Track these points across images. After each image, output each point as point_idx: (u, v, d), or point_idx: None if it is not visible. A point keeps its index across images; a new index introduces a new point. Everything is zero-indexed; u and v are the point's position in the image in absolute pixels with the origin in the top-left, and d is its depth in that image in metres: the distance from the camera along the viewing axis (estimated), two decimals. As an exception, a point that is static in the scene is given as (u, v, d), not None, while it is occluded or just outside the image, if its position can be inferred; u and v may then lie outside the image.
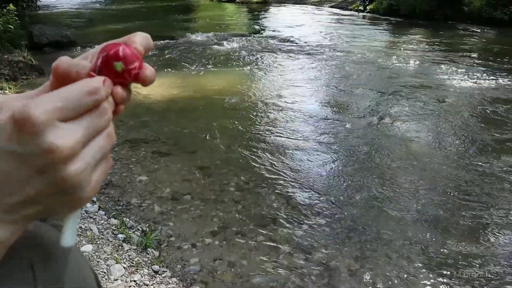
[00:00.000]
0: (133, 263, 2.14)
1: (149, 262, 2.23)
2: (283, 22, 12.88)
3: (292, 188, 3.20)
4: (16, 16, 6.50)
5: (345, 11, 16.06)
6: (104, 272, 2.00)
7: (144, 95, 5.01)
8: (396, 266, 2.37)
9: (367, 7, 15.64)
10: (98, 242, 2.25)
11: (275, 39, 9.61)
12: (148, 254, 2.32)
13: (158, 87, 5.50)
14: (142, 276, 2.06)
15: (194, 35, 9.63)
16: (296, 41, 9.34)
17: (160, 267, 2.22)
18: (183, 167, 3.45)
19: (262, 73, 6.67)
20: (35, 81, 5.72)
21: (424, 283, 2.26)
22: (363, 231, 2.69)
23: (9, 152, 0.28)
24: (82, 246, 2.15)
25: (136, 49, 0.34)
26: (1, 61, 5.68)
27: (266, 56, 7.79)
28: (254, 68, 6.89)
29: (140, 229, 2.60)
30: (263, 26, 12.23)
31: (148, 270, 2.13)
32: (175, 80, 6.02)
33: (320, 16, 14.86)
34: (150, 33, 0.37)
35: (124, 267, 2.07)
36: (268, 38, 9.79)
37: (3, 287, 0.35)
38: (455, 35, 10.76)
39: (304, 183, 3.28)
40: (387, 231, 2.69)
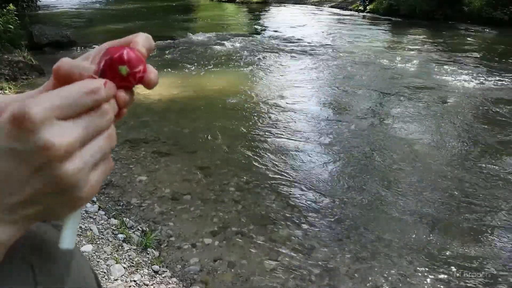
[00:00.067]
0: (133, 263, 2.14)
1: (149, 262, 2.23)
2: (283, 22, 12.87)
3: (292, 188, 3.20)
4: (16, 16, 6.50)
5: (345, 11, 16.07)
6: (104, 272, 2.00)
7: (144, 95, 5.01)
8: (396, 267, 2.37)
9: (367, 7, 15.65)
10: (98, 242, 2.25)
11: (276, 39, 9.60)
12: (148, 254, 2.32)
13: (158, 87, 5.43)
14: (142, 276, 2.06)
15: (194, 35, 9.63)
16: (297, 41, 9.33)
17: (160, 267, 2.22)
18: (183, 167, 3.45)
19: (263, 73, 6.66)
20: (35, 81, 5.72)
21: (424, 284, 2.26)
22: (363, 231, 2.69)
23: (9, 150, 0.29)
24: (82, 246, 2.15)
25: (139, 51, 0.34)
26: (1, 61, 5.68)
27: (266, 56, 7.78)
28: (255, 68, 6.89)
29: (140, 229, 2.60)
30: (263, 26, 12.23)
31: (148, 270, 2.14)
32: (175, 80, 6.02)
33: (320, 16, 14.86)
34: (150, 33, 0.37)
35: (124, 267, 2.07)
36: (268, 38, 9.79)
37: (3, 287, 0.35)
38: (456, 35, 10.76)
39: (304, 183, 3.28)
40: (387, 232, 2.69)
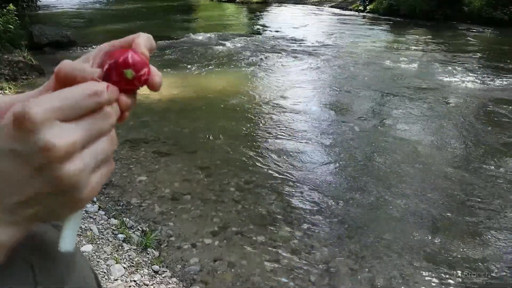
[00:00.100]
0: (133, 263, 2.14)
1: (149, 262, 2.23)
2: (283, 22, 12.87)
3: (292, 188, 3.20)
4: (16, 16, 6.50)
5: (345, 11, 16.07)
6: (104, 272, 2.00)
7: (144, 95, 5.01)
8: (396, 267, 2.37)
9: (367, 7, 15.65)
10: (98, 242, 2.25)
11: (277, 39, 9.60)
12: (148, 254, 2.32)
13: (158, 87, 5.49)
14: (142, 276, 2.06)
15: (195, 35, 9.63)
16: (298, 41, 9.33)
17: (160, 267, 2.22)
18: (183, 167, 3.45)
19: (264, 73, 6.66)
20: (35, 81, 5.72)
21: (425, 284, 2.26)
22: (364, 231, 2.69)
23: (9, 151, 0.29)
24: (82, 246, 2.15)
25: (143, 54, 0.34)
26: (1, 61, 5.68)
27: (267, 56, 7.78)
28: (256, 69, 6.89)
29: (140, 229, 2.60)
30: (264, 26, 12.23)
31: (148, 270, 2.14)
32: (176, 80, 6.02)
33: (320, 16, 14.87)
34: (150, 33, 0.37)
35: (124, 267, 2.07)
36: (269, 38, 9.79)
37: (3, 287, 0.35)
38: (456, 35, 10.76)
39: (305, 183, 3.27)
40: (388, 232, 2.68)
